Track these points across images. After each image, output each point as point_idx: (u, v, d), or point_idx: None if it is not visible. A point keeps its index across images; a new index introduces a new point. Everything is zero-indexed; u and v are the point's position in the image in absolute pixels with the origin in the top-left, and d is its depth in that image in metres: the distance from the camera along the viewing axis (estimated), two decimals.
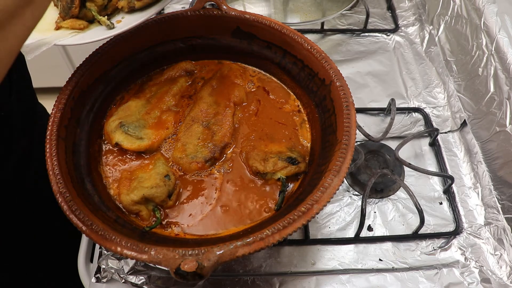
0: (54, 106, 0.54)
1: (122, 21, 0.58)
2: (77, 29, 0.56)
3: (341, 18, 0.94)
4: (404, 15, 0.94)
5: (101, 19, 0.56)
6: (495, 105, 0.68)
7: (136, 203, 0.53)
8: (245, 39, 0.66)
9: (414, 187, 0.68)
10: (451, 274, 0.60)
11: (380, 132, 0.74)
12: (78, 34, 0.56)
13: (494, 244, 0.63)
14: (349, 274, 0.60)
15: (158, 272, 0.58)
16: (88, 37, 0.56)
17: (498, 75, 0.67)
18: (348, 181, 0.69)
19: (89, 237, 0.44)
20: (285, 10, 0.91)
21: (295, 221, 0.44)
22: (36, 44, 0.52)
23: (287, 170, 0.56)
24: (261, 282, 0.59)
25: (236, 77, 0.68)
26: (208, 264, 0.40)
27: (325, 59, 0.59)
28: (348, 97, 0.54)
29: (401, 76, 0.84)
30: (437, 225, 0.65)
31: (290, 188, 0.57)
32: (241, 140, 0.62)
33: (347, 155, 0.49)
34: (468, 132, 0.74)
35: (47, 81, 1.52)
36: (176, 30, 0.66)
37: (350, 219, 0.65)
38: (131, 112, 0.62)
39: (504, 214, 0.64)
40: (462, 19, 0.78)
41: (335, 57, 0.86)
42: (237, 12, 0.64)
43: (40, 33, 0.55)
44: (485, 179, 0.68)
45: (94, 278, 0.58)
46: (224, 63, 0.70)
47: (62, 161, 0.50)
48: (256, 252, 0.42)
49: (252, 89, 0.67)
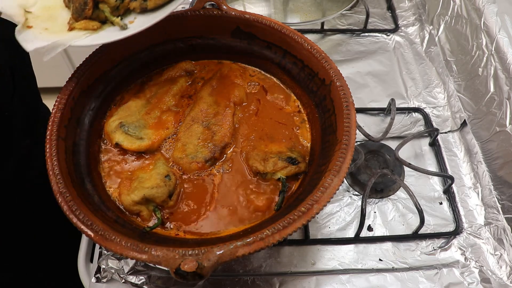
0: (54, 106, 0.54)
1: (135, 22, 0.57)
2: (90, 30, 0.56)
3: (341, 18, 0.94)
4: (404, 15, 0.94)
5: (114, 20, 0.56)
6: (495, 105, 0.68)
7: (136, 203, 0.53)
8: (245, 39, 0.66)
9: (414, 187, 0.68)
10: (451, 274, 0.60)
11: (380, 132, 0.74)
12: (92, 34, 0.56)
13: (494, 244, 0.63)
14: (349, 274, 0.60)
15: (158, 272, 0.58)
16: (104, 38, 0.56)
17: (498, 75, 0.67)
18: (348, 181, 0.69)
19: (89, 237, 0.44)
20: (285, 10, 0.91)
21: (295, 221, 0.44)
22: (52, 45, 0.52)
23: (287, 170, 0.56)
24: (261, 282, 0.59)
25: (236, 77, 0.68)
26: (208, 264, 0.40)
27: (325, 59, 0.59)
28: (348, 97, 0.54)
29: (401, 76, 0.84)
30: (437, 225, 0.65)
31: (290, 187, 0.57)
32: (241, 140, 0.62)
33: (347, 155, 0.49)
34: (468, 132, 0.74)
35: (47, 81, 1.51)
36: (176, 30, 0.66)
37: (350, 219, 0.65)
38: (131, 112, 0.62)
39: (504, 214, 0.64)
40: (462, 19, 0.78)
41: (335, 57, 0.86)
42: (237, 12, 0.64)
43: (54, 35, 0.55)
44: (485, 179, 0.68)
45: (94, 278, 0.58)
46: (224, 63, 0.70)
47: (62, 161, 0.50)
48: (256, 252, 0.42)
49: (252, 89, 0.67)
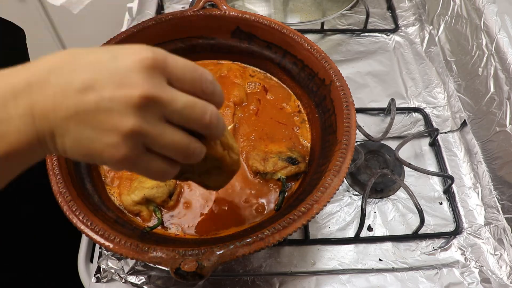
0: None
1: None
2: None
3: (341, 18, 0.94)
4: (404, 15, 0.94)
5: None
6: (495, 105, 0.68)
7: (137, 203, 0.53)
8: (245, 39, 0.66)
9: (414, 187, 0.68)
10: (451, 274, 0.60)
11: (380, 132, 0.74)
12: None
13: (494, 244, 0.63)
14: (349, 274, 0.60)
15: (158, 272, 0.58)
16: None
17: (498, 75, 0.67)
18: (348, 181, 0.69)
19: (89, 238, 0.44)
20: (285, 10, 0.91)
21: (295, 221, 0.44)
22: None
23: (287, 170, 0.56)
24: (261, 282, 0.59)
25: (236, 77, 0.68)
26: (208, 264, 0.40)
27: (325, 59, 0.59)
28: (348, 97, 0.54)
29: (401, 76, 0.84)
30: (437, 225, 0.65)
31: (290, 187, 0.57)
32: (241, 140, 0.62)
33: (347, 155, 0.49)
34: (468, 132, 0.74)
35: None
36: (176, 30, 0.66)
37: (350, 219, 0.65)
38: None
39: (504, 214, 0.64)
40: (462, 19, 0.78)
41: (335, 57, 0.86)
42: (237, 12, 0.64)
43: None
44: (485, 179, 0.68)
45: (94, 278, 0.58)
46: (224, 63, 0.70)
47: (62, 161, 0.50)
48: (256, 252, 0.42)
49: (252, 89, 0.67)
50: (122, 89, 0.24)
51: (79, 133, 0.25)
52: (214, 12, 0.64)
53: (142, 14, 0.90)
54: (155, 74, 0.25)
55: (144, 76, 0.25)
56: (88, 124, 0.25)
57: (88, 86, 0.24)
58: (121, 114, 0.24)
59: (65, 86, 0.24)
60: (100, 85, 0.24)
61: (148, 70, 0.25)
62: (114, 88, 0.24)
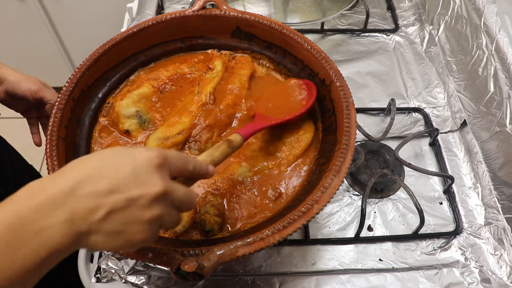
0: (55, 106, 0.54)
1: None
2: None
3: (341, 18, 0.94)
4: (404, 15, 0.94)
5: None
6: (495, 105, 0.68)
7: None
8: (245, 39, 0.66)
9: (414, 187, 0.68)
10: (451, 274, 0.60)
11: (380, 132, 0.74)
12: None
13: (494, 244, 0.63)
14: (349, 274, 0.60)
15: (158, 272, 0.58)
16: None
17: (498, 75, 0.67)
18: (348, 181, 0.69)
19: None
20: (285, 10, 0.91)
21: (295, 221, 0.44)
22: None
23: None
24: (261, 282, 0.59)
25: (242, 68, 0.66)
26: (208, 264, 0.40)
27: (325, 59, 0.59)
28: (348, 97, 0.54)
29: (401, 76, 0.84)
30: (437, 225, 0.65)
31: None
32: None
33: (347, 155, 0.49)
34: (468, 132, 0.74)
35: (47, 81, 1.51)
36: (176, 30, 0.66)
37: (350, 219, 0.65)
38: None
39: (504, 214, 0.64)
40: (462, 19, 0.78)
41: (335, 57, 0.86)
42: (237, 12, 0.64)
43: None
44: (485, 179, 0.68)
45: (94, 278, 0.58)
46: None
47: (62, 161, 0.50)
48: (256, 252, 0.42)
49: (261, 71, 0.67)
50: (145, 188, 0.33)
51: (112, 228, 0.32)
52: (214, 12, 0.64)
53: (142, 14, 0.90)
54: (163, 170, 0.35)
55: (157, 175, 0.34)
56: (120, 220, 0.32)
57: (116, 189, 0.32)
58: (145, 207, 0.33)
59: (97, 192, 0.31)
60: (126, 187, 0.32)
61: (158, 168, 0.34)
62: (138, 188, 0.32)
